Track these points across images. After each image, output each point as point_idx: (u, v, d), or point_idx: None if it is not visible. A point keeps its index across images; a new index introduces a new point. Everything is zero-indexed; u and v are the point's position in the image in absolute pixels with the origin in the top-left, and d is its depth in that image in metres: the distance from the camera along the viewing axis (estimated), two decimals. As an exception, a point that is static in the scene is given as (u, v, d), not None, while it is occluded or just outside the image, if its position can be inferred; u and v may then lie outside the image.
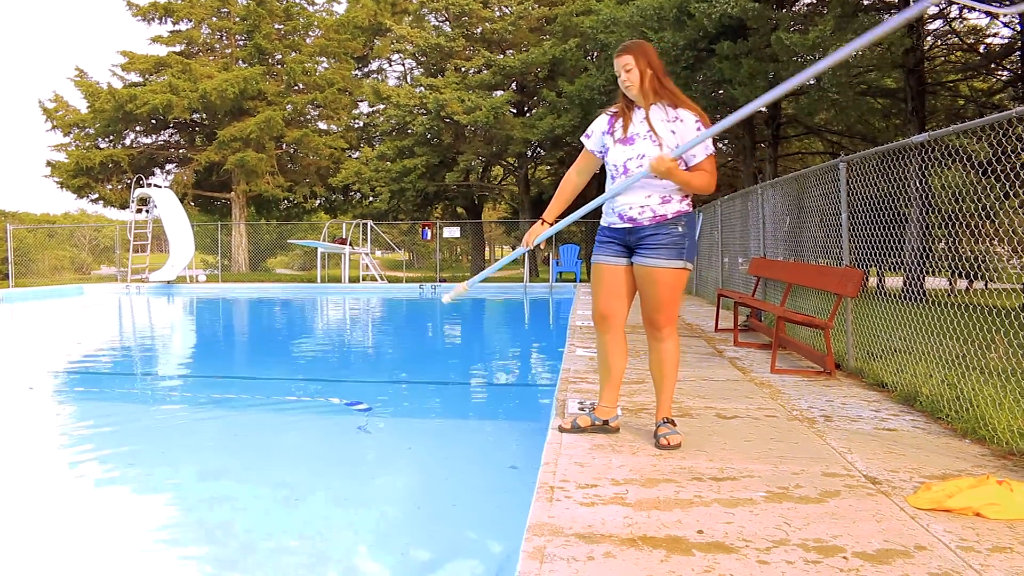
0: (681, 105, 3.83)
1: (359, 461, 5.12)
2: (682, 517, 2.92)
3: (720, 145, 26.15)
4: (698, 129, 3.75)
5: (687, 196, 3.86)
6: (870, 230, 6.50)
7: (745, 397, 5.24)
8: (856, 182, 6.79)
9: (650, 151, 3.78)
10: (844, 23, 14.90)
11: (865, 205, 6.64)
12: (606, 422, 4.14)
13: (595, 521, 2.87)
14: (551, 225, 4.18)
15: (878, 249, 6.41)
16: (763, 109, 20.11)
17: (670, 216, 3.80)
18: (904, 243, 6.76)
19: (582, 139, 4.18)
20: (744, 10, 15.24)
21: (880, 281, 8.88)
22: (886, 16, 16.40)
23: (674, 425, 3.98)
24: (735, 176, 26.50)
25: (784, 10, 17.64)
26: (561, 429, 4.15)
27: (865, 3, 17.31)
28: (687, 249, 3.83)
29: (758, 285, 9.45)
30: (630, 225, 3.88)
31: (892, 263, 6.44)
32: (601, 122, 4.08)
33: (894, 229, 6.28)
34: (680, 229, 3.80)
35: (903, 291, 7.69)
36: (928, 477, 3.40)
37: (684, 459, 3.69)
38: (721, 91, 18.24)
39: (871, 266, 6.74)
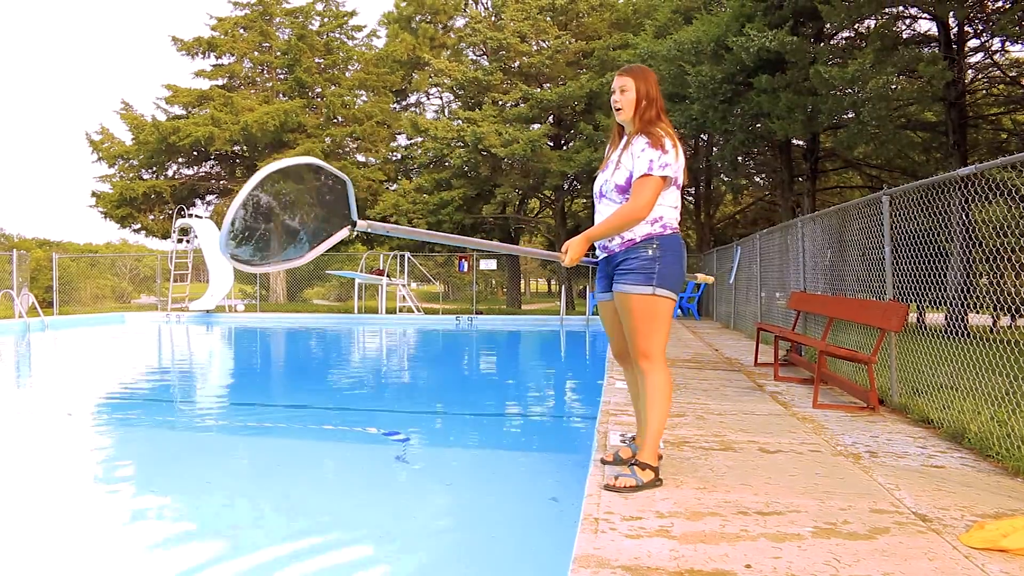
0: (654, 128, 3.60)
1: (397, 491, 5.12)
2: (729, 551, 2.89)
3: (758, 179, 26.08)
4: (643, 150, 3.52)
5: (659, 218, 3.59)
6: (911, 264, 6.44)
7: (788, 431, 5.18)
8: (897, 215, 6.74)
9: (613, 177, 3.67)
10: (883, 56, 14.84)
11: (906, 239, 6.58)
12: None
13: (641, 554, 2.84)
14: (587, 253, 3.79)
15: (919, 284, 6.34)
16: (800, 142, 20.03)
17: (638, 240, 3.59)
18: (946, 278, 6.67)
19: None
20: (782, 44, 15.23)
21: (920, 317, 8.76)
22: (925, 50, 16.32)
23: (644, 469, 3.62)
24: (772, 210, 26.40)
25: (822, 43, 17.61)
26: (603, 462, 4.04)
27: (904, 37, 17.27)
28: (659, 275, 3.54)
29: (798, 319, 9.37)
30: (606, 254, 3.76)
31: (933, 297, 6.35)
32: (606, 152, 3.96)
33: (936, 263, 6.21)
34: (649, 252, 3.56)
35: (946, 327, 7.60)
36: (980, 516, 3.34)
37: (729, 493, 3.65)
38: (759, 124, 18.20)
39: (911, 301, 6.66)
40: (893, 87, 14.42)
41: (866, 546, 2.95)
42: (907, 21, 17.71)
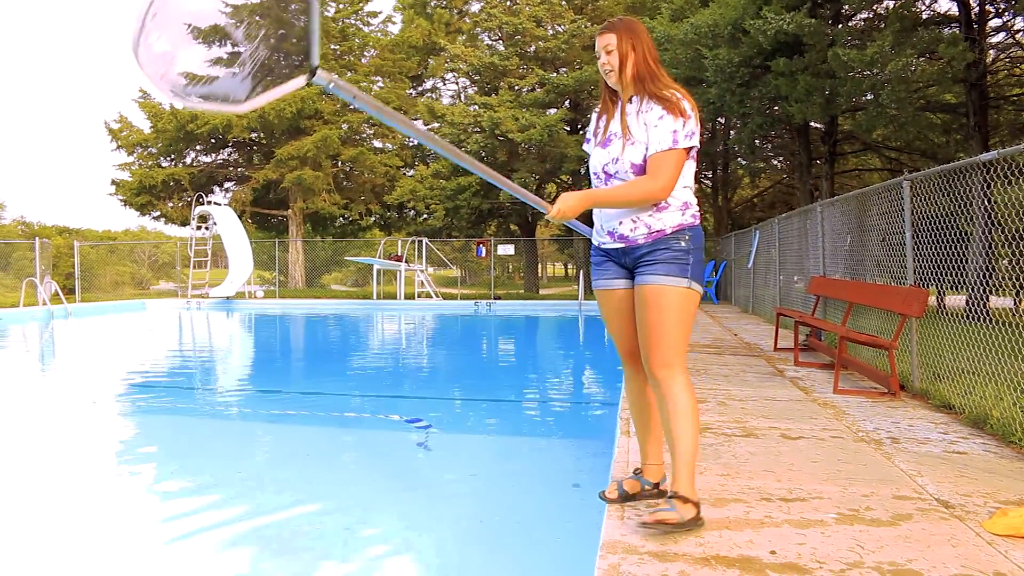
0: (663, 91, 3.07)
1: (420, 477, 5.18)
2: (754, 537, 2.93)
3: (775, 162, 25.95)
4: (661, 118, 3.02)
5: (687, 205, 3.12)
6: (931, 247, 6.43)
7: (809, 418, 5.20)
8: (917, 198, 6.72)
9: (626, 154, 3.12)
10: (903, 37, 14.71)
11: (926, 221, 6.57)
12: (657, 484, 3.41)
13: (667, 540, 2.89)
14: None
15: (939, 267, 6.33)
16: (819, 125, 19.92)
17: (669, 231, 3.09)
18: (967, 261, 6.67)
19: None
20: (800, 26, 15.12)
21: (940, 300, 8.74)
22: (945, 30, 16.17)
23: (685, 503, 2.95)
24: (791, 193, 26.28)
25: (840, 25, 17.47)
26: (604, 498, 3.39)
27: (924, 17, 17.10)
28: (692, 267, 3.08)
29: (817, 304, 9.36)
30: (622, 245, 3.19)
31: (954, 281, 6.35)
32: (592, 121, 3.42)
33: (956, 247, 6.20)
34: (683, 244, 3.08)
35: (966, 310, 7.58)
36: (1003, 502, 3.36)
37: (752, 479, 3.69)
38: (777, 108, 18.10)
39: (931, 284, 6.66)
40: (912, 69, 14.28)
41: (889, 532, 2.98)
42: (926, 1, 17.54)
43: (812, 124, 19.93)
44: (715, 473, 3.80)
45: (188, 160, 33.00)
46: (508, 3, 29.69)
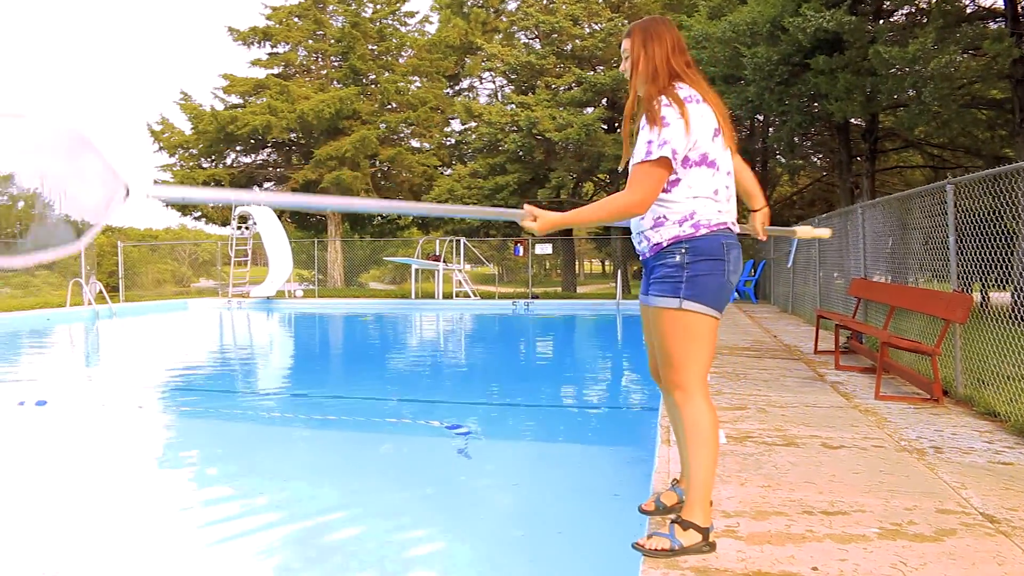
0: (652, 96, 2.89)
1: (460, 485, 5.23)
2: (795, 553, 2.94)
3: (815, 159, 25.69)
4: (642, 128, 2.87)
5: (690, 214, 2.89)
6: (974, 245, 6.36)
7: (851, 425, 5.18)
8: (961, 196, 6.64)
9: (630, 163, 2.96)
10: (946, 33, 14.51)
11: (968, 216, 6.50)
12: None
13: (709, 556, 2.90)
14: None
15: (984, 265, 6.26)
16: (860, 122, 19.67)
17: (665, 244, 2.92)
18: (1013, 258, 6.58)
19: None
20: (840, 24, 14.97)
21: (984, 297, 8.62)
22: (991, 25, 15.90)
23: (685, 529, 2.91)
24: (831, 191, 26.01)
25: (881, 21, 17.26)
26: (642, 510, 3.42)
27: (968, 12, 16.84)
28: (687, 285, 2.87)
29: (859, 306, 9.28)
30: (643, 259, 3.13)
31: (999, 278, 6.27)
32: None
33: (1002, 244, 6.13)
34: (676, 259, 2.89)
35: (1012, 310, 7.48)
36: (1049, 517, 3.33)
37: (794, 491, 3.69)
38: (816, 106, 17.93)
39: (975, 282, 6.58)
40: (956, 66, 14.06)
41: (933, 548, 2.97)
42: (970, -2, 17.27)
43: (852, 121, 19.70)
44: (756, 484, 3.81)
45: (228, 161, 33.45)
46: (545, 2, 29.68)
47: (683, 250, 2.88)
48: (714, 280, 2.87)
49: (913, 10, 17.52)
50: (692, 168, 2.87)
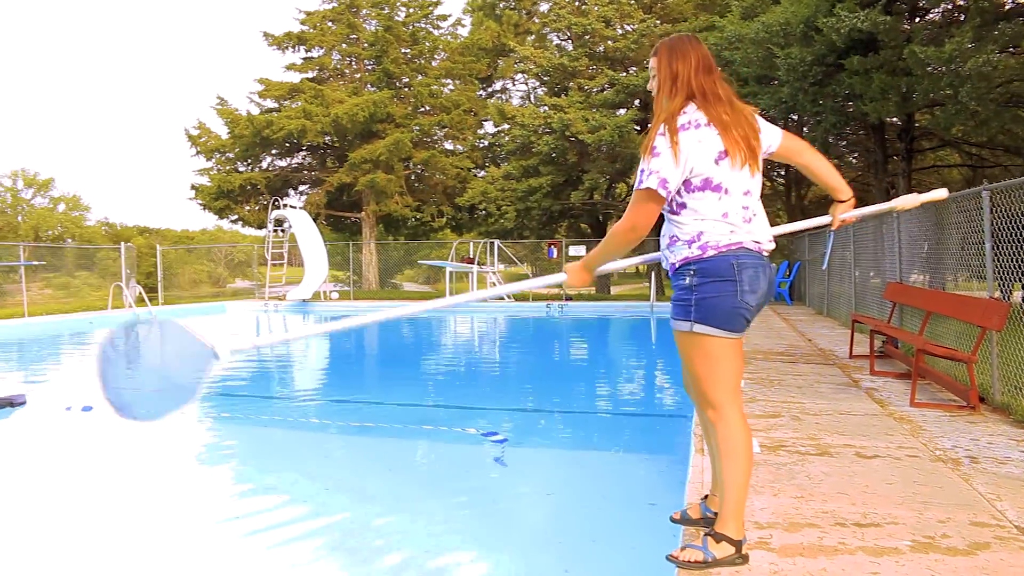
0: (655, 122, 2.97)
1: (497, 493, 5.31)
2: (827, 565, 2.98)
3: (851, 159, 25.48)
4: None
5: (696, 236, 2.90)
6: (1014, 245, 6.33)
7: (885, 434, 5.19)
8: (998, 199, 6.60)
9: None
10: (983, 32, 14.37)
11: (1009, 219, 6.47)
12: (717, 514, 3.13)
13: (742, 567, 2.96)
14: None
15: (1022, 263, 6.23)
16: (896, 121, 19.49)
17: (677, 265, 2.96)
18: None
19: None
20: (875, 24, 14.88)
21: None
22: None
23: (718, 542, 2.97)
24: (866, 191, 25.74)
25: (917, 20, 17.12)
26: (672, 520, 3.55)
27: (1007, 8, 16.62)
28: (696, 307, 2.89)
29: (894, 310, 9.24)
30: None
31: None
32: None
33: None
34: (687, 281, 2.92)
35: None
36: (1083, 530, 3.34)
37: (826, 502, 3.73)
38: (851, 106, 17.81)
39: (1015, 281, 6.53)
40: (994, 65, 13.90)
41: (965, 562, 3.00)
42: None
43: (888, 120, 19.53)
44: (789, 495, 3.85)
45: (264, 164, 33.88)
46: (577, 3, 29.71)
47: (692, 271, 2.90)
48: (723, 302, 2.87)
49: (951, 6, 17.33)
50: (695, 192, 2.89)
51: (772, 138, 3.11)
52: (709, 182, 2.87)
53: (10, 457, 6.39)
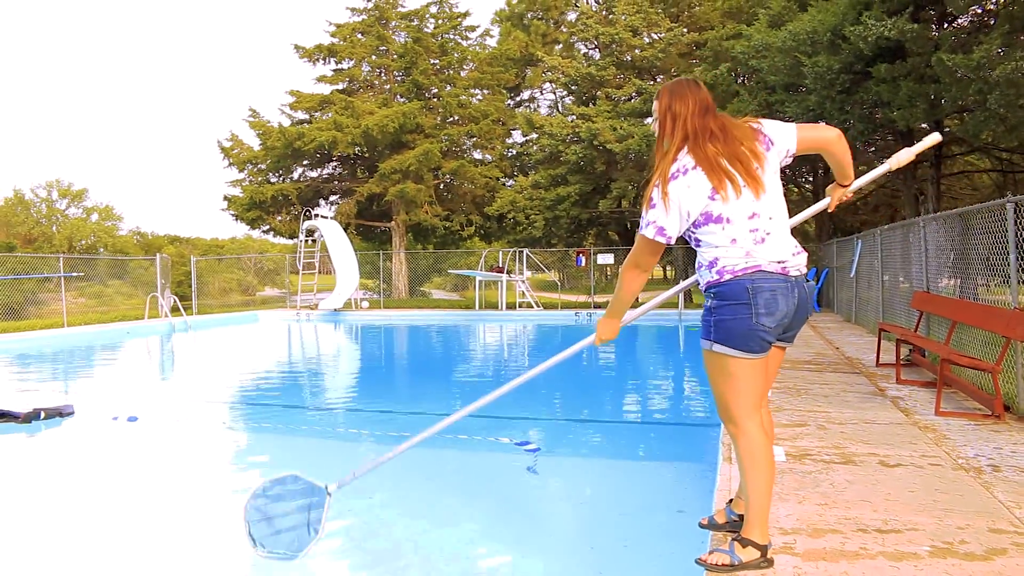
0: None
1: (531, 501, 5.51)
2: (848, 569, 3.14)
3: (879, 164, 25.40)
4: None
5: (713, 261, 3.08)
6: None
7: (909, 443, 5.32)
8: (1022, 211, 6.71)
9: None
10: (1012, 39, 14.38)
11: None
12: (742, 517, 3.35)
13: (767, 570, 3.13)
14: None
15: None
16: (924, 125, 19.44)
17: (704, 288, 3.16)
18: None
19: None
20: (902, 32, 14.93)
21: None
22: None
23: (744, 547, 3.16)
24: (895, 197, 25.70)
25: (946, 26, 17.12)
26: (700, 525, 3.72)
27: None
28: (715, 328, 3.08)
29: (921, 319, 9.32)
30: None
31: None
32: None
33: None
34: (709, 303, 3.12)
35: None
36: (1097, 536, 3.47)
37: (849, 509, 3.88)
38: (879, 113, 17.83)
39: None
40: (1023, 71, 13.90)
41: (982, 567, 3.14)
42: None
43: (916, 127, 19.51)
44: (813, 503, 4.00)
45: (295, 175, 34.30)
46: (604, 13, 29.87)
47: (712, 295, 3.09)
48: (738, 324, 3.02)
49: (981, 9, 17.28)
50: (702, 227, 3.08)
51: (787, 141, 3.20)
52: (710, 216, 3.04)
53: (65, 464, 6.67)
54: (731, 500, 3.67)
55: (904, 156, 3.60)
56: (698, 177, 3.00)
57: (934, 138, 3.71)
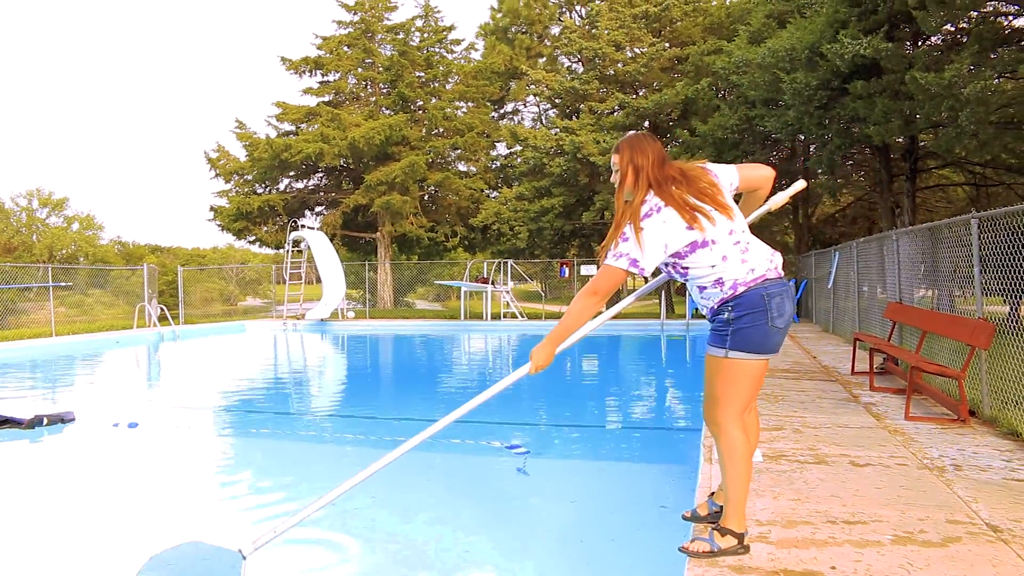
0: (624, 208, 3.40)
1: (522, 501, 5.80)
2: (818, 555, 3.46)
3: (856, 178, 25.93)
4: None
5: (720, 280, 3.35)
6: (1004, 257, 6.77)
7: (878, 445, 5.65)
8: (985, 228, 7.05)
9: None
10: (982, 59, 14.84)
11: (992, 224, 6.92)
12: (723, 507, 3.67)
13: (744, 556, 3.44)
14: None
15: (1014, 277, 6.66)
16: (900, 140, 19.91)
17: (716, 306, 3.39)
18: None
19: None
20: (877, 50, 15.37)
21: (1015, 311, 8.99)
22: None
23: (724, 535, 3.50)
24: (873, 209, 26.19)
25: (919, 45, 17.60)
26: (683, 517, 4.07)
27: (1006, 33, 17.06)
28: (732, 337, 3.35)
29: (894, 329, 9.69)
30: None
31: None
32: None
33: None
34: (725, 316, 3.36)
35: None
36: (1045, 526, 3.80)
37: (820, 504, 4.20)
38: (855, 128, 18.29)
39: (1011, 298, 6.95)
40: (992, 89, 14.36)
41: (938, 553, 3.47)
42: (1010, 17, 17.47)
43: (892, 141, 19.97)
44: (788, 498, 4.32)
45: (281, 187, 34.49)
46: (588, 28, 30.32)
47: (729, 308, 3.33)
48: (756, 330, 3.31)
49: (953, 28, 17.72)
50: (689, 256, 3.34)
51: (731, 177, 3.55)
52: (696, 244, 3.30)
53: (69, 469, 6.90)
54: (713, 493, 4.03)
55: (779, 198, 3.90)
56: (671, 214, 3.26)
57: (800, 185, 4.25)
